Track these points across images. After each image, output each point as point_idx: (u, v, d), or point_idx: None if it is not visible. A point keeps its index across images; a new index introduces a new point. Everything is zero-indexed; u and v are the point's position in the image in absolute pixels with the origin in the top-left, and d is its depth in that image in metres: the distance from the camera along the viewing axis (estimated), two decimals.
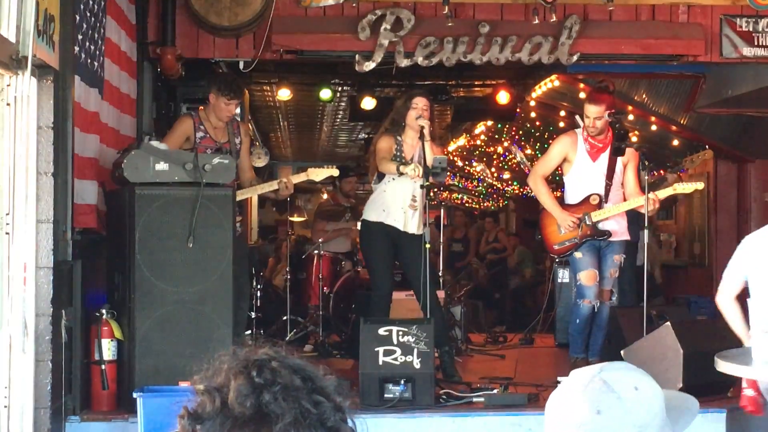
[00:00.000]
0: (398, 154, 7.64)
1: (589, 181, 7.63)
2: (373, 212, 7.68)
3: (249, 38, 8.40)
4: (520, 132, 16.39)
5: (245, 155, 7.76)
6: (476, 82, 12.50)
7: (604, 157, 7.64)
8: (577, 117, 7.87)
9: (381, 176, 7.68)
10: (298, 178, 7.97)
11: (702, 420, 6.11)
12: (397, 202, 7.55)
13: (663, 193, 7.67)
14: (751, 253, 5.71)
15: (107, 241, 6.90)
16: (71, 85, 6.06)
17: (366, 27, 8.24)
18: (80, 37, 6.36)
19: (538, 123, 15.01)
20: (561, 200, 7.87)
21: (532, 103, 12.56)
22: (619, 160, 7.64)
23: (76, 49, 6.28)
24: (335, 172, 8.22)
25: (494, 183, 21.94)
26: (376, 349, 6.66)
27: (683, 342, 6.74)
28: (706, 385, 6.49)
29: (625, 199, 7.67)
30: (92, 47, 6.61)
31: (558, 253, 7.76)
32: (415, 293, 7.60)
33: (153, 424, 5.57)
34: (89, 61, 6.59)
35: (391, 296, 7.78)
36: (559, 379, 7.04)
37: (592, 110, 7.56)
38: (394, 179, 7.51)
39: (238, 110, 7.69)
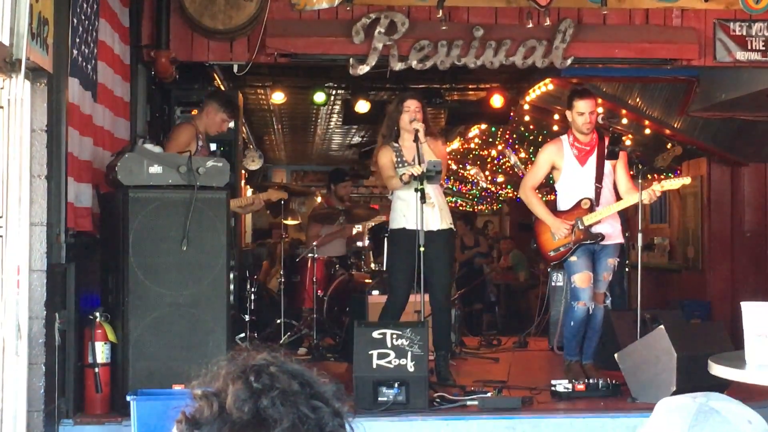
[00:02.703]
0: (400, 159, 7.67)
1: (580, 185, 7.64)
2: (395, 220, 7.75)
3: (243, 41, 8.39)
4: (514, 135, 16.40)
5: None
6: (470, 86, 12.51)
7: (592, 160, 7.65)
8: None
9: None
10: (266, 196, 8.96)
11: None
12: (413, 205, 7.53)
13: (654, 189, 7.67)
14: None
15: (101, 244, 6.90)
16: (65, 88, 6.05)
17: (360, 30, 8.24)
18: (77, 40, 6.36)
19: (532, 126, 15.02)
20: (553, 205, 7.88)
21: (526, 107, 12.57)
22: (608, 162, 7.65)
23: (75, 52, 6.28)
24: (284, 195, 9.50)
25: (488, 186, 21.93)
26: (370, 352, 6.66)
27: (677, 345, 6.74)
28: (700, 389, 6.48)
29: (618, 200, 7.69)
30: (86, 50, 6.61)
31: (553, 259, 7.76)
32: (430, 291, 7.60)
33: (146, 427, 5.56)
34: (84, 64, 6.59)
35: (405, 305, 7.74)
36: (553, 382, 7.08)
37: (584, 105, 7.56)
38: (405, 185, 7.53)
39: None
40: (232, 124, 8.34)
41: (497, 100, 11.82)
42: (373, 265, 10.92)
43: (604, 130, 7.76)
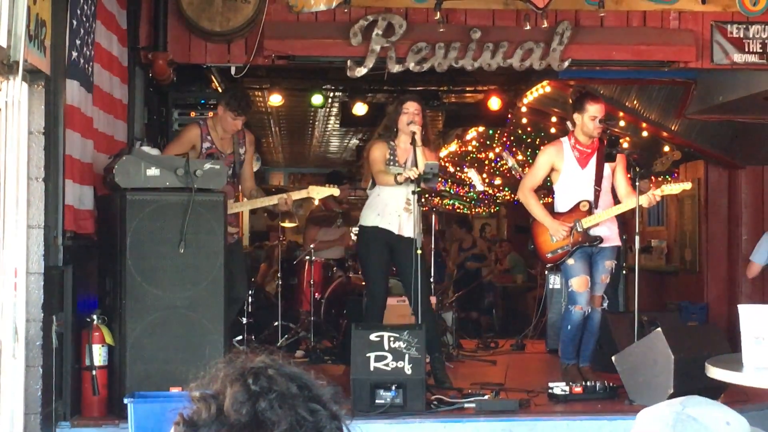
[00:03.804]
0: (392, 158, 7.68)
1: (579, 188, 7.64)
2: (368, 217, 7.73)
3: (241, 43, 8.39)
4: (512, 138, 16.41)
5: (248, 165, 7.88)
6: (468, 88, 12.51)
7: (593, 163, 7.65)
8: (568, 123, 7.87)
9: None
10: (299, 195, 8.03)
11: None
12: (391, 206, 7.58)
13: (654, 194, 7.66)
14: None
15: (98, 247, 6.89)
16: (62, 90, 6.05)
17: (358, 32, 8.23)
18: (78, 42, 6.36)
19: (529, 129, 15.02)
20: (551, 207, 7.88)
21: (524, 109, 12.56)
22: (607, 165, 7.66)
23: (75, 54, 6.28)
24: (336, 192, 8.25)
25: (486, 189, 21.94)
26: (367, 355, 6.66)
27: (674, 348, 6.75)
28: (697, 392, 6.47)
29: (617, 203, 7.70)
30: (87, 52, 6.61)
31: (551, 261, 7.77)
32: (409, 298, 7.61)
33: (144, 429, 5.55)
34: (86, 66, 6.59)
35: (386, 302, 7.79)
36: (550, 385, 7.08)
37: (598, 109, 7.57)
38: (398, 185, 7.54)
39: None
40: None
41: (495, 103, 11.82)
42: None
43: (602, 133, 7.76)
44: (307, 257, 10.13)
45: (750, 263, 9.54)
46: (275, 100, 12.19)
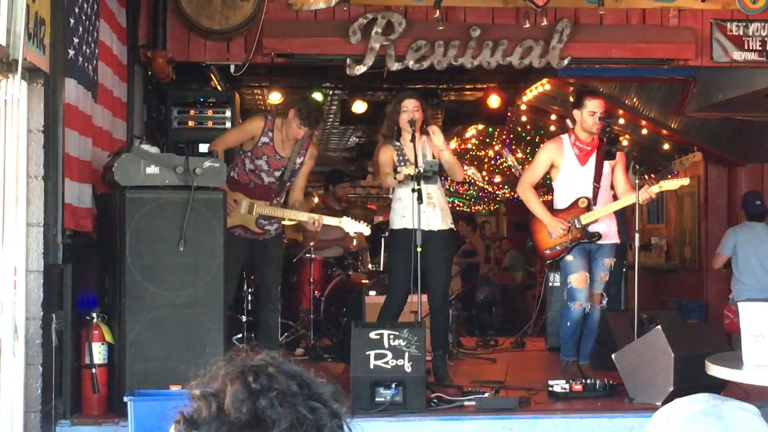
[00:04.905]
0: (401, 158, 7.66)
1: (578, 184, 7.64)
2: (395, 221, 7.74)
3: (240, 42, 8.39)
4: (511, 135, 16.42)
5: (302, 176, 7.87)
6: (467, 86, 12.51)
7: (592, 160, 7.65)
8: (568, 121, 7.87)
9: None
10: (330, 221, 7.83)
11: None
12: (411, 205, 7.48)
13: (651, 190, 7.66)
14: None
15: (98, 245, 6.89)
16: (62, 88, 6.04)
17: (357, 30, 8.24)
18: (76, 40, 6.35)
19: (528, 127, 15.04)
20: (550, 205, 7.89)
21: (523, 107, 12.58)
22: (607, 162, 7.66)
23: (72, 52, 6.27)
24: (366, 231, 8.02)
25: (485, 187, 21.93)
26: (367, 353, 6.65)
27: (674, 346, 6.74)
28: (697, 389, 6.48)
29: (615, 200, 7.70)
30: (87, 50, 6.60)
31: (549, 257, 7.77)
32: (429, 292, 7.60)
33: (144, 428, 5.55)
34: (86, 64, 6.58)
35: (404, 304, 7.72)
36: (550, 382, 7.07)
37: (596, 104, 7.56)
38: (404, 184, 7.52)
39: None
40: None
41: (494, 101, 11.83)
42: (370, 266, 10.91)
43: (602, 130, 7.75)
44: (307, 255, 10.13)
45: (717, 255, 9.95)
46: (274, 98, 12.18)
